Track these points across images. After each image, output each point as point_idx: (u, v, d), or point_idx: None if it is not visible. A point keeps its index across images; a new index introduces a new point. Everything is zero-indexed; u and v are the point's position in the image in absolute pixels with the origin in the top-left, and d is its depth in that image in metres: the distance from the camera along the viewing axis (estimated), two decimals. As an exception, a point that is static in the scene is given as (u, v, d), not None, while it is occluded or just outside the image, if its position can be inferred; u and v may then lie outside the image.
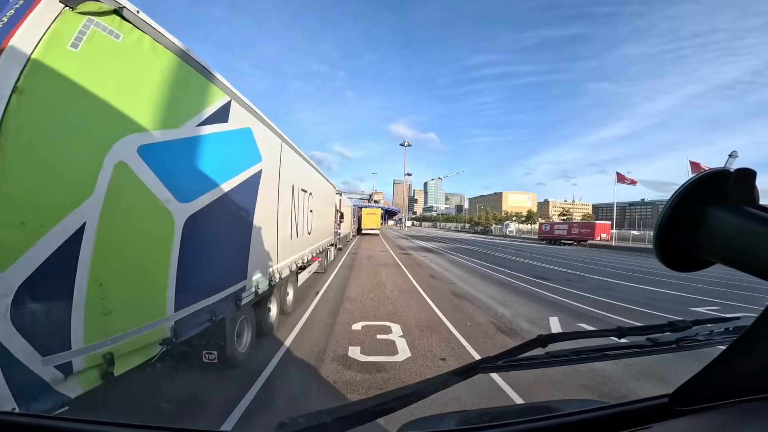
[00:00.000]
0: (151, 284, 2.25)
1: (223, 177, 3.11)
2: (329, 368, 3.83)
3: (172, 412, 2.72)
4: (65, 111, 1.69)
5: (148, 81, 2.22)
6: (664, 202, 0.57)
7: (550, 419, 0.71)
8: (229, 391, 3.17)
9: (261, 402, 3.06)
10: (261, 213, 4.07)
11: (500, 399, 3.23)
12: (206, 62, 2.81)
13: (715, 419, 0.58)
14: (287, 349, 4.37)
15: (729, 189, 0.50)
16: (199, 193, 2.70)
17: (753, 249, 0.46)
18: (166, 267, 2.34)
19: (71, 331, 1.67)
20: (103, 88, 1.87)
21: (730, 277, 11.55)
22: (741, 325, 0.90)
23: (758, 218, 0.46)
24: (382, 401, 0.63)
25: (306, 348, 4.42)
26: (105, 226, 1.82)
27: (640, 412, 0.68)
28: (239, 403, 2.99)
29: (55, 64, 1.63)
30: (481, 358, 0.75)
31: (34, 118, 1.55)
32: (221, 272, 3.20)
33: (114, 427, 0.66)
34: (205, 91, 2.87)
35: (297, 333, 5.02)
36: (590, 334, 0.90)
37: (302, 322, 5.59)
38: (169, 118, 2.36)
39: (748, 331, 0.51)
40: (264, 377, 3.52)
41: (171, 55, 2.38)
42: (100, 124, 1.86)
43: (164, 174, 2.26)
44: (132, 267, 2.08)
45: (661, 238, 0.53)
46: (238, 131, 3.44)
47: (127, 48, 2.03)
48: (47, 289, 1.58)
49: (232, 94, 3.29)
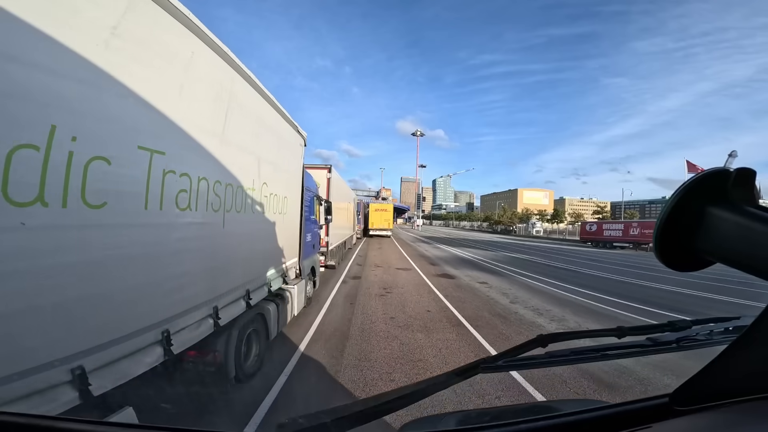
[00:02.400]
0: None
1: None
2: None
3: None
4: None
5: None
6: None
7: (550, 419, 0.70)
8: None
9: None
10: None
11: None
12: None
13: (715, 419, 0.58)
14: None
15: (729, 188, 0.50)
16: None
17: (753, 248, 0.46)
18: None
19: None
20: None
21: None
22: (741, 324, 0.90)
23: (758, 217, 0.46)
24: (383, 401, 0.63)
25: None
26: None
27: (640, 411, 0.67)
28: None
29: None
30: (481, 358, 0.75)
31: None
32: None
33: (114, 427, 0.66)
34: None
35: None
36: (590, 334, 0.90)
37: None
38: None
39: (747, 331, 0.51)
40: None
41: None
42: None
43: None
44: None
45: (662, 237, 0.53)
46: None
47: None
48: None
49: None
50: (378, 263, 13.41)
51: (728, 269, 0.51)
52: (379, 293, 7.94)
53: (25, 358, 1.44)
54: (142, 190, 2.00)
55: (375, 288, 8.57)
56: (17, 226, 1.37)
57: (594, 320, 6.45)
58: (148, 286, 2.10)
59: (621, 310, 7.21)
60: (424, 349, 4.56)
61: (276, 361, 3.99)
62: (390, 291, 8.26)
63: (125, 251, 1.90)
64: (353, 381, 3.63)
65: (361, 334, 5.11)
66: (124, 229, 1.89)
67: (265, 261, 4.10)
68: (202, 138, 2.61)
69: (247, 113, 3.41)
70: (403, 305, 6.86)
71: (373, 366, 3.99)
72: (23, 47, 1.38)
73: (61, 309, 1.58)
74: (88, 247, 1.69)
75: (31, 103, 1.40)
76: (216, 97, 2.84)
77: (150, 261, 2.10)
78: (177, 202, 2.32)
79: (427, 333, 5.23)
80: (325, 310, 6.38)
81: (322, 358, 4.18)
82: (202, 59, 2.59)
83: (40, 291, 1.48)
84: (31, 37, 1.40)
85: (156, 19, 2.09)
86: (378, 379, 3.66)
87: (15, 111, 1.35)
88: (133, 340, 1.98)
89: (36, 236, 1.44)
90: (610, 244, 33.49)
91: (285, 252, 4.79)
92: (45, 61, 1.45)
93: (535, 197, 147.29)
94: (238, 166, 3.23)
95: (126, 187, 1.90)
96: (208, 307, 2.77)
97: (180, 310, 2.40)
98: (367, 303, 6.95)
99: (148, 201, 2.03)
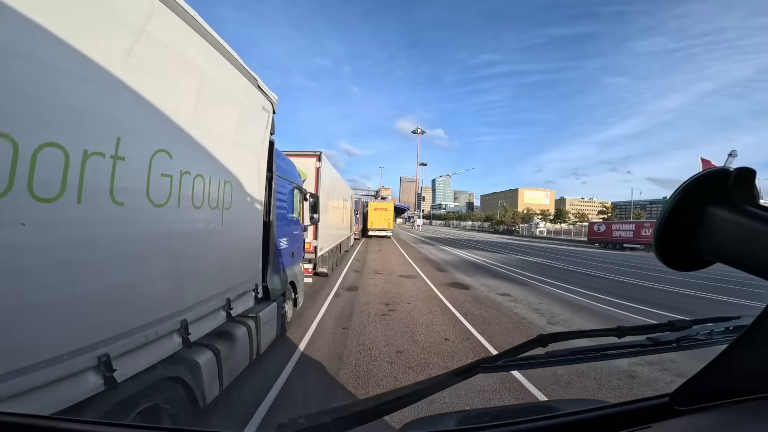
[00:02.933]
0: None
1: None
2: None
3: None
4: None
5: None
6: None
7: (550, 419, 0.70)
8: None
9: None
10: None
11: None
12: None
13: (715, 419, 0.58)
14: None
15: (729, 188, 0.50)
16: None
17: (753, 248, 0.46)
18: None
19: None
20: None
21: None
22: (741, 324, 0.90)
23: (758, 217, 0.46)
24: (382, 401, 0.62)
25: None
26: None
27: (640, 411, 0.67)
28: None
29: None
30: (481, 358, 0.75)
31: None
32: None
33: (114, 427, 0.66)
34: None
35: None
36: (590, 334, 0.90)
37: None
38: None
39: (748, 331, 0.51)
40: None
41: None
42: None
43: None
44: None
45: (662, 237, 0.53)
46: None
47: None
48: None
49: None
50: (378, 269, 11.87)
51: (729, 269, 0.50)
52: (381, 311, 6.44)
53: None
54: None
55: (375, 303, 7.04)
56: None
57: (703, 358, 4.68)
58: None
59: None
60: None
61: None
62: (394, 308, 6.70)
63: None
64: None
65: (356, 383, 3.53)
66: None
67: (176, 287, 2.37)
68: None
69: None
70: (412, 330, 5.37)
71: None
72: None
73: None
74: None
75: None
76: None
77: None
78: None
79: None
80: (307, 342, 4.72)
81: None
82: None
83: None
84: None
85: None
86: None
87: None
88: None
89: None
90: (619, 245, 32.00)
91: (232, 266, 3.17)
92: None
93: (536, 197, 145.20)
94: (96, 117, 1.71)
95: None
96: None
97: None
98: (365, 328, 5.45)
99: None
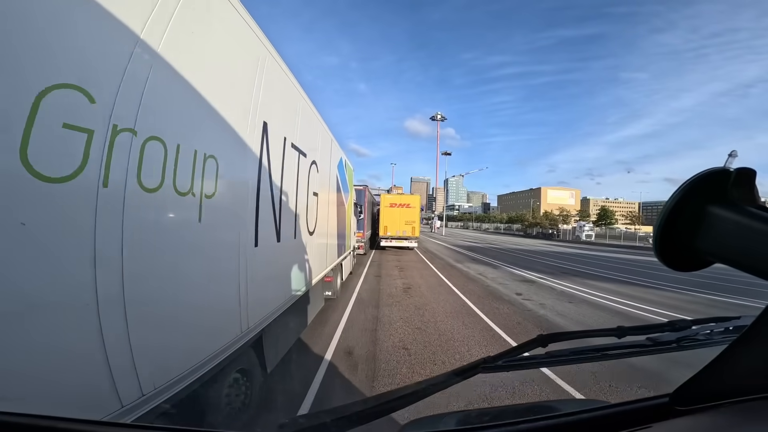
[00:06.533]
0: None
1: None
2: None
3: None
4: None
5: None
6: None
7: (550, 419, 0.70)
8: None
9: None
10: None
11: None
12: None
13: (715, 419, 0.58)
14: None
15: (729, 188, 0.50)
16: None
17: (753, 248, 0.45)
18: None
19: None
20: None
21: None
22: (741, 324, 0.90)
23: (759, 217, 0.46)
24: (382, 401, 0.62)
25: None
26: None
27: (640, 411, 0.67)
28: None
29: None
30: (481, 358, 0.75)
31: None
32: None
33: (114, 427, 0.66)
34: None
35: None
36: (590, 334, 0.89)
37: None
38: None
39: (748, 331, 0.51)
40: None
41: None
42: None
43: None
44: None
45: (661, 237, 0.53)
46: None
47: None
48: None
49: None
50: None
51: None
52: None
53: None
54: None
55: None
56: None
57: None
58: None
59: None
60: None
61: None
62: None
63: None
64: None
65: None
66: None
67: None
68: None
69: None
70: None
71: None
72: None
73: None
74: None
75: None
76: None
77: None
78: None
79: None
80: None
81: None
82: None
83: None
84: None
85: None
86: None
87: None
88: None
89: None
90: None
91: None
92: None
93: (561, 196, 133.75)
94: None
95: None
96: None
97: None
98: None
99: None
